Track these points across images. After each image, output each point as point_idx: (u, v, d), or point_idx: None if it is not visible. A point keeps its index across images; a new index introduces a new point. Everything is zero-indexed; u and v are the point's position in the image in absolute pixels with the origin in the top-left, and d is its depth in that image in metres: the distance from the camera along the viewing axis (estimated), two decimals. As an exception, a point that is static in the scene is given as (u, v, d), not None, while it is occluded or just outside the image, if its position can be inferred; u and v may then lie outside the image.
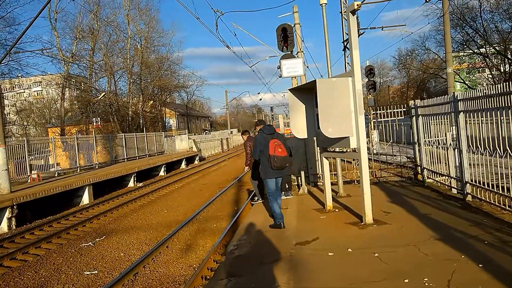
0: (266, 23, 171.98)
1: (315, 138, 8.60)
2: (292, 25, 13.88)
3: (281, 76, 11.79)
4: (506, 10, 38.23)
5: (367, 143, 9.28)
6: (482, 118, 7.40)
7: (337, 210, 8.23)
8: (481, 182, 7.58)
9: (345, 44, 18.17)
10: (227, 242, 8.74)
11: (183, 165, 33.70)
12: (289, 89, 7.92)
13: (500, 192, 6.96)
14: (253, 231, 7.51)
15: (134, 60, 42.40)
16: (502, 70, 39.16)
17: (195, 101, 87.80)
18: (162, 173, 29.08)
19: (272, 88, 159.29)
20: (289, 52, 11.74)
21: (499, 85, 6.57)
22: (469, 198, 8.03)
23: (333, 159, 10.67)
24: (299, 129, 8.09)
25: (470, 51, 39.63)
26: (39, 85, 54.24)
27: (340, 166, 9.56)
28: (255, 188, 10.38)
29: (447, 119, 8.83)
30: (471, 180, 8.01)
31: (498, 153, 6.72)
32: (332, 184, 8.71)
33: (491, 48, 38.16)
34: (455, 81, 43.90)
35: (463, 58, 42.31)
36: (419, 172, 11.00)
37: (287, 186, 10.21)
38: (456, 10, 36.72)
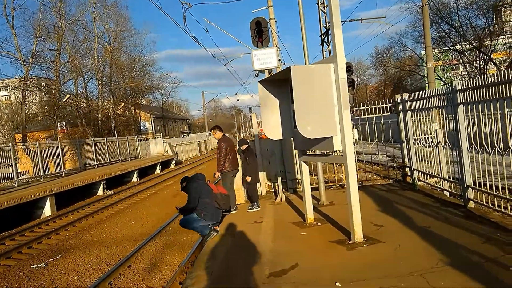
0: (240, 20, 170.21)
1: (292, 139, 7.28)
2: (267, 20, 12.62)
3: (257, 75, 10.53)
4: (480, 7, 37.93)
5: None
6: (483, 112, 6.22)
7: (319, 223, 6.90)
8: (486, 185, 6.39)
9: (323, 37, 16.98)
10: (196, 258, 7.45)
11: (158, 170, 32.02)
12: (259, 81, 6.56)
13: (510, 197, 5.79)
14: (220, 253, 6.13)
15: (104, 61, 40.35)
16: (476, 66, 38.77)
17: (172, 103, 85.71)
18: (134, 179, 27.42)
19: (250, 88, 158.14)
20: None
21: None
22: (471, 204, 6.83)
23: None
24: (273, 129, 6.75)
25: (446, 47, 39.13)
26: (6, 90, 51.43)
27: (322, 170, 8.27)
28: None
29: (441, 113, 7.63)
30: (474, 184, 6.82)
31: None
32: (312, 189, 7.40)
33: (467, 44, 37.74)
34: (427, 77, 43.49)
35: (438, 55, 41.76)
36: (408, 174, 9.81)
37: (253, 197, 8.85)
38: (433, 6, 36.10)
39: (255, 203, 8.63)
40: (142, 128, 57.96)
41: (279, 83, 6.63)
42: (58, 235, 13.31)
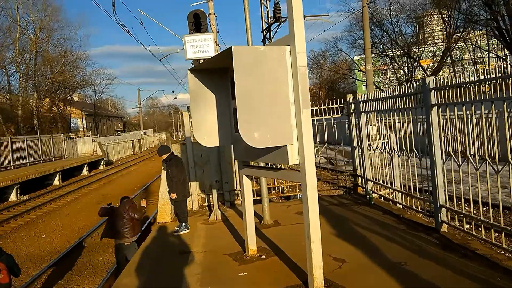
0: (180, 17, 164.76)
1: (232, 145, 5.51)
2: (207, 15, 10.81)
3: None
4: (409, 15, 38.77)
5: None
6: (459, 113, 4.91)
7: (263, 256, 5.19)
8: (461, 204, 5.08)
9: (265, 33, 15.44)
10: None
11: (84, 171, 28.80)
12: (189, 70, 4.70)
13: (502, 224, 4.49)
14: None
15: (30, 53, 35.82)
16: (404, 72, 39.58)
17: (108, 100, 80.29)
18: (56, 182, 24.25)
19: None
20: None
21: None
22: (444, 228, 5.51)
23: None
24: (207, 133, 4.94)
25: (379, 52, 39.55)
26: None
27: (266, 183, 6.60)
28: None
29: (406, 116, 6.25)
30: (447, 203, 5.51)
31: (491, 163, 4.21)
32: (253, 202, 5.69)
33: (398, 50, 38.39)
34: (359, 81, 44.14)
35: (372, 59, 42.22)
36: (360, 184, 8.46)
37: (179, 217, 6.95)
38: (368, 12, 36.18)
39: (183, 224, 6.76)
40: (73, 125, 53.17)
41: (217, 74, 4.84)
42: None
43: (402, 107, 6.21)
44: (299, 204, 7.46)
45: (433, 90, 5.34)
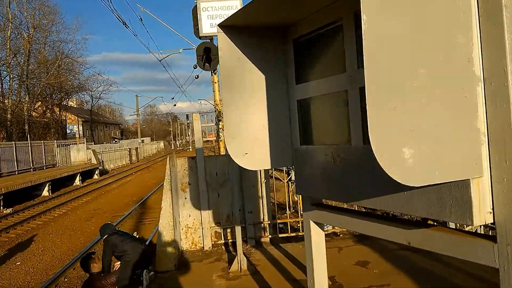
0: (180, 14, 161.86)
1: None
2: None
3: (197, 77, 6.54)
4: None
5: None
6: None
7: None
8: None
9: None
10: None
11: (77, 181, 26.35)
12: (219, 25, 2.45)
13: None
14: None
15: (25, 54, 33.35)
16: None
17: (105, 106, 77.65)
18: (46, 193, 21.92)
19: (188, 95, 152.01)
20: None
21: None
22: None
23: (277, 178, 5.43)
24: (249, 145, 2.61)
25: None
26: None
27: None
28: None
29: None
30: None
31: None
32: (287, 239, 3.34)
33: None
34: None
35: None
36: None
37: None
38: None
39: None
40: (69, 132, 50.59)
41: (270, 37, 2.58)
42: None
43: None
44: (355, 246, 5.19)
45: None
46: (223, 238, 5.97)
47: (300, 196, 3.51)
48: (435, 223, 1.93)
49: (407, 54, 1.50)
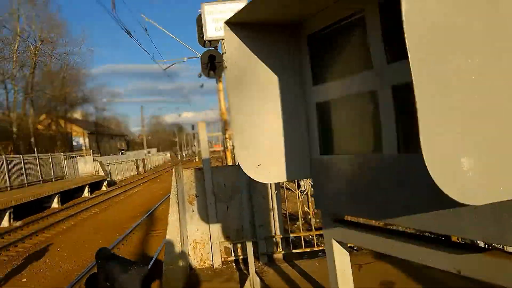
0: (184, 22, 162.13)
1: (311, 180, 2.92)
2: None
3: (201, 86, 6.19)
4: None
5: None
6: None
7: None
8: None
9: None
10: None
11: (86, 193, 26.26)
12: (225, 22, 2.19)
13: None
14: None
15: (32, 67, 33.44)
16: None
17: (111, 119, 77.74)
18: (55, 204, 21.86)
19: (193, 105, 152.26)
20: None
21: None
22: None
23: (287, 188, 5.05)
24: (261, 155, 2.33)
25: None
26: None
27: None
28: None
29: None
30: None
31: None
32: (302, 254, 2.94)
33: None
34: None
35: None
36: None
37: None
38: None
39: None
40: (75, 144, 50.68)
41: (283, 35, 2.31)
42: None
43: None
44: (377, 263, 4.82)
45: None
46: (233, 255, 5.65)
47: (317, 209, 3.20)
48: (489, 247, 1.62)
49: (460, 41, 1.21)
